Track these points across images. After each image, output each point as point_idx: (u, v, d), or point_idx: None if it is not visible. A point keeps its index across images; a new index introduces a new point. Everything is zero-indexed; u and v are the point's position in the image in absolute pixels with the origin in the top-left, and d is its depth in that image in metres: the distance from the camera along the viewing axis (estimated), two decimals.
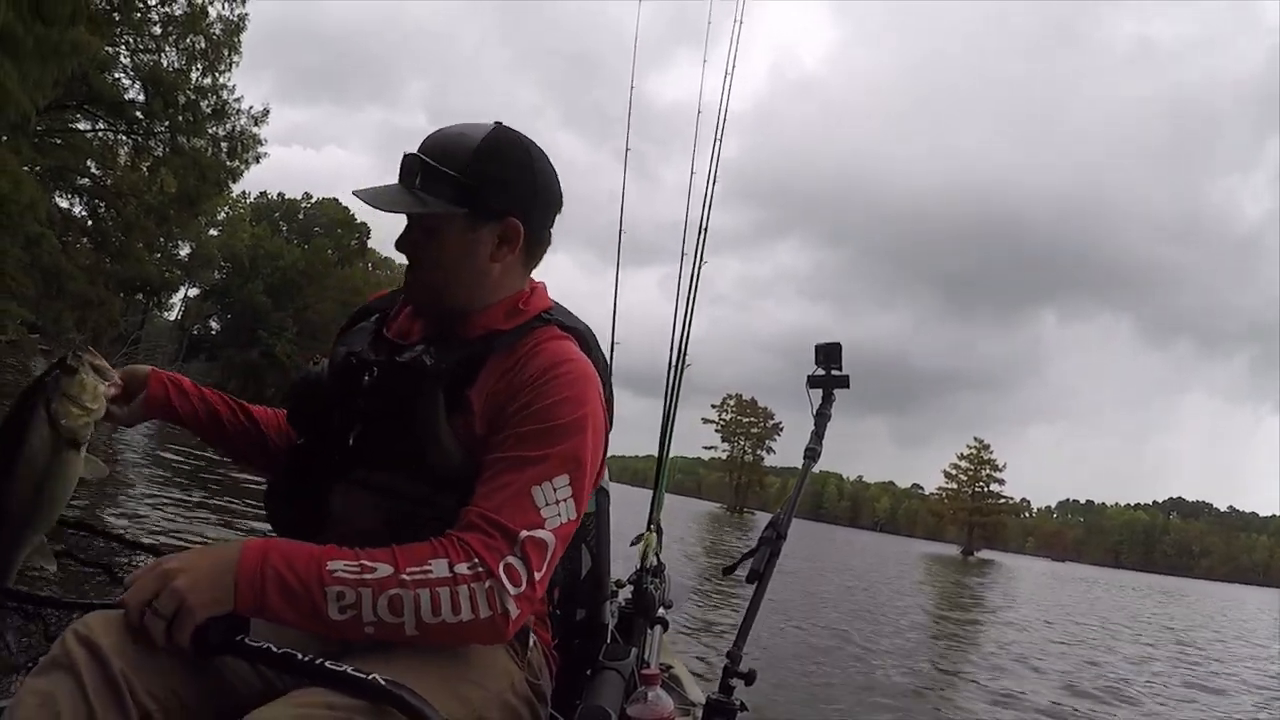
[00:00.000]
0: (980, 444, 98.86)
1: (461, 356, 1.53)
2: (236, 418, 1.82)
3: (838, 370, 2.61)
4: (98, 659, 1.22)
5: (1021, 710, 6.70)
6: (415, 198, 1.51)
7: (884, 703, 6.24)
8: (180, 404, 1.75)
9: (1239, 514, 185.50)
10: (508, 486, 1.38)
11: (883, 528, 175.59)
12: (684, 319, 3.38)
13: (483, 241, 1.56)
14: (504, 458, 1.42)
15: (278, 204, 73.41)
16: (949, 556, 63.01)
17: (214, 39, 26.53)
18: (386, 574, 1.27)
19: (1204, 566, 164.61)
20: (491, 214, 1.54)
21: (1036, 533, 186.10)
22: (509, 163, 1.56)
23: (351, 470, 1.54)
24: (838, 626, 10.04)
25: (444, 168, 1.51)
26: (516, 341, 1.55)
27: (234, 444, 1.83)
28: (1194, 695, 9.59)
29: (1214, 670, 12.51)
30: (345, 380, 1.60)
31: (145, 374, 1.72)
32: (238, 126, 27.62)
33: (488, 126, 1.57)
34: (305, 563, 1.27)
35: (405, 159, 1.55)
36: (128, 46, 26.10)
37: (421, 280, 1.58)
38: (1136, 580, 71.16)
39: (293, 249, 69.16)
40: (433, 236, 1.55)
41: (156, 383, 1.73)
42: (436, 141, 1.55)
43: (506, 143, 1.57)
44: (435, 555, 1.30)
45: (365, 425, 1.55)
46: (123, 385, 1.65)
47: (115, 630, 1.27)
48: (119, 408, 1.65)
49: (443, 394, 1.50)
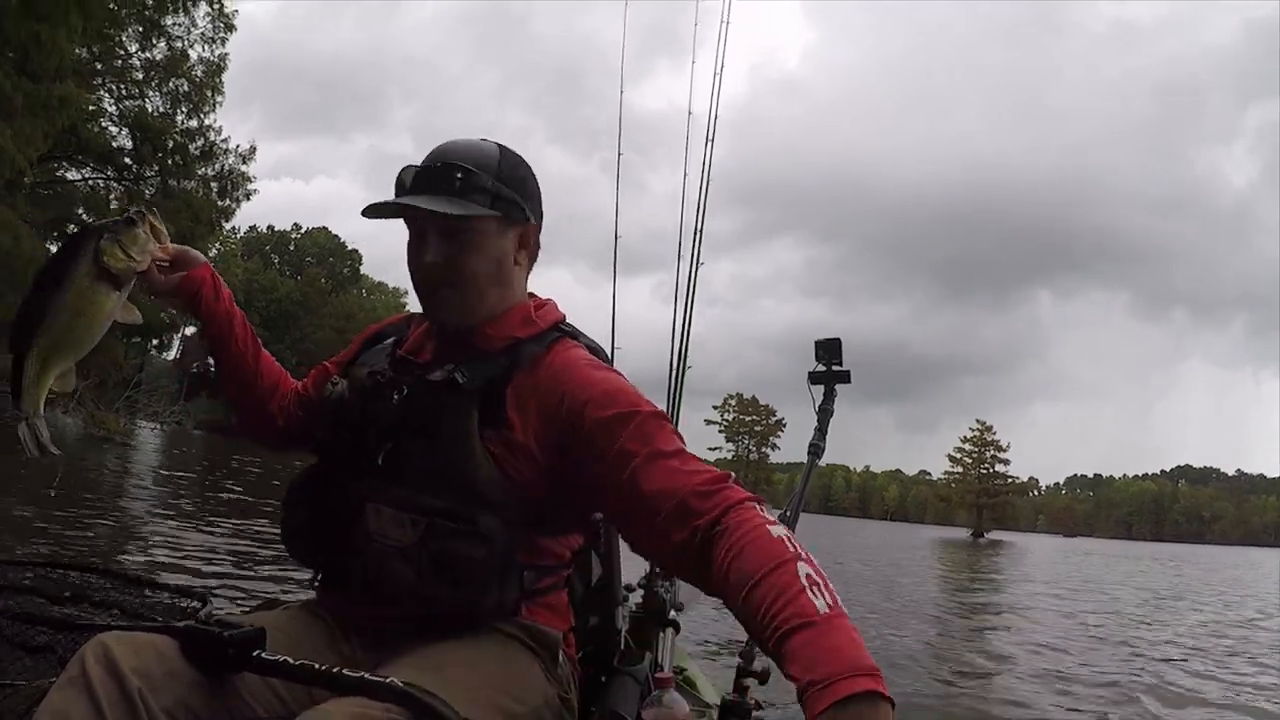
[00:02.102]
0: (983, 426, 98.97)
1: (492, 373, 1.53)
2: (246, 342, 1.80)
3: (838, 365, 2.62)
4: (115, 677, 1.24)
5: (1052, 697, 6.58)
6: (467, 203, 1.52)
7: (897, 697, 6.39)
8: (208, 296, 1.74)
9: (1247, 477, 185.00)
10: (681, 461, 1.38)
11: (893, 516, 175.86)
12: (683, 321, 3.35)
13: (508, 246, 1.59)
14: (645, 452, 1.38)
15: (268, 237, 73.79)
16: (958, 540, 63.08)
17: (196, 81, 26.73)
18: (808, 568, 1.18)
19: (1216, 531, 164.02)
20: (515, 219, 1.59)
21: (1046, 510, 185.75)
22: (524, 169, 1.62)
23: (382, 489, 1.50)
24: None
25: (482, 172, 1.54)
26: (543, 353, 1.56)
27: (231, 359, 1.80)
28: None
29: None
30: (373, 399, 1.58)
31: (199, 259, 1.75)
32: (226, 166, 27.77)
33: (484, 140, 1.62)
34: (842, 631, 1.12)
35: (440, 167, 1.54)
36: (111, 94, 26.32)
37: (457, 295, 1.56)
38: (1144, 550, 70.99)
39: (286, 281, 69.56)
40: (468, 246, 1.55)
41: (202, 269, 1.74)
42: (460, 152, 1.57)
43: (513, 152, 1.62)
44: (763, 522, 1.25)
45: (396, 443, 1.53)
46: (173, 255, 1.68)
47: (132, 648, 1.29)
48: (160, 274, 1.66)
49: (476, 410, 1.50)
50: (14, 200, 18.74)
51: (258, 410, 1.85)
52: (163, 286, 1.68)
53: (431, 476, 1.47)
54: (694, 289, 3.41)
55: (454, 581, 1.42)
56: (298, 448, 1.89)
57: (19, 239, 18.54)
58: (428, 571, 1.41)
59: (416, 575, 1.41)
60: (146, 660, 1.28)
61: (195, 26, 26.51)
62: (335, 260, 75.49)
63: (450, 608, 1.44)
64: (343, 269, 75.96)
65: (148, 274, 1.61)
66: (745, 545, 1.23)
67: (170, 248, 1.67)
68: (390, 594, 1.44)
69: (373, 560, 1.44)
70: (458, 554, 1.41)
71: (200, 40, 26.79)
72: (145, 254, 1.58)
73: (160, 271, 1.65)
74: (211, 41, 27.00)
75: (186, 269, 1.71)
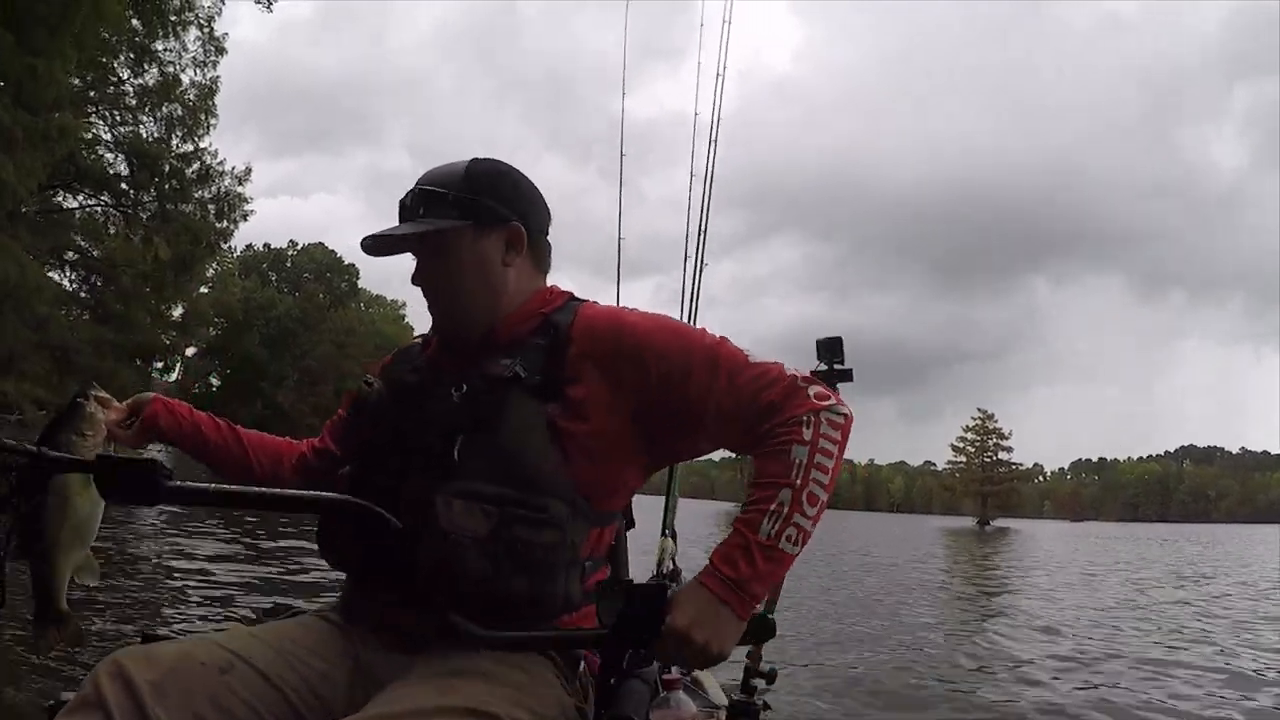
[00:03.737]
0: (985, 414, 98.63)
1: (541, 357, 1.54)
2: (222, 437, 1.87)
3: (840, 364, 2.57)
4: (132, 696, 1.27)
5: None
6: (427, 221, 1.57)
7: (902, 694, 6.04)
8: (168, 424, 1.83)
9: (1251, 454, 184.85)
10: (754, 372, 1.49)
11: (899, 508, 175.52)
12: (689, 321, 3.30)
13: (492, 249, 1.60)
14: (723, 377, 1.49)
15: (264, 255, 73.64)
16: (964, 529, 63.03)
17: (189, 105, 26.87)
18: (789, 496, 1.40)
19: (1222, 510, 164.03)
20: (494, 220, 1.59)
21: (1052, 496, 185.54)
22: (496, 174, 1.63)
23: (448, 483, 1.46)
24: (851, 612, 10.12)
25: (441, 189, 1.58)
26: (573, 319, 1.58)
27: (218, 462, 1.88)
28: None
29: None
30: (429, 397, 1.57)
31: (148, 399, 1.84)
32: (222, 188, 27.95)
33: (457, 163, 1.65)
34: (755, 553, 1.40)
35: (403, 199, 1.62)
36: (106, 121, 26.47)
37: (443, 305, 1.63)
38: (1151, 531, 70.80)
39: (284, 298, 69.38)
40: (444, 257, 1.58)
41: (152, 405, 1.83)
42: (427, 176, 1.63)
43: (488, 161, 1.65)
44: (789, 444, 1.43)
45: (463, 438, 1.50)
46: (127, 411, 1.80)
47: (149, 665, 1.31)
48: (122, 430, 1.79)
49: (536, 396, 1.50)
50: (16, 230, 18.93)
51: (242, 472, 1.88)
52: (131, 440, 1.81)
53: (498, 468, 1.46)
54: (699, 289, 3.46)
55: (529, 570, 1.42)
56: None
57: (24, 268, 18.79)
58: (504, 561, 1.41)
59: (492, 566, 1.40)
60: (160, 677, 1.30)
61: (186, 51, 26.65)
62: (333, 275, 75.24)
63: (523, 599, 1.43)
64: (340, 284, 75.79)
65: (113, 435, 1.76)
66: (764, 452, 1.45)
67: (122, 407, 1.81)
68: (463, 588, 1.41)
69: (446, 553, 1.41)
70: (532, 541, 1.42)
71: (192, 64, 26.94)
72: (95, 425, 1.67)
73: (124, 429, 1.79)
74: (203, 65, 27.13)
75: (140, 415, 1.82)
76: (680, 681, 1.85)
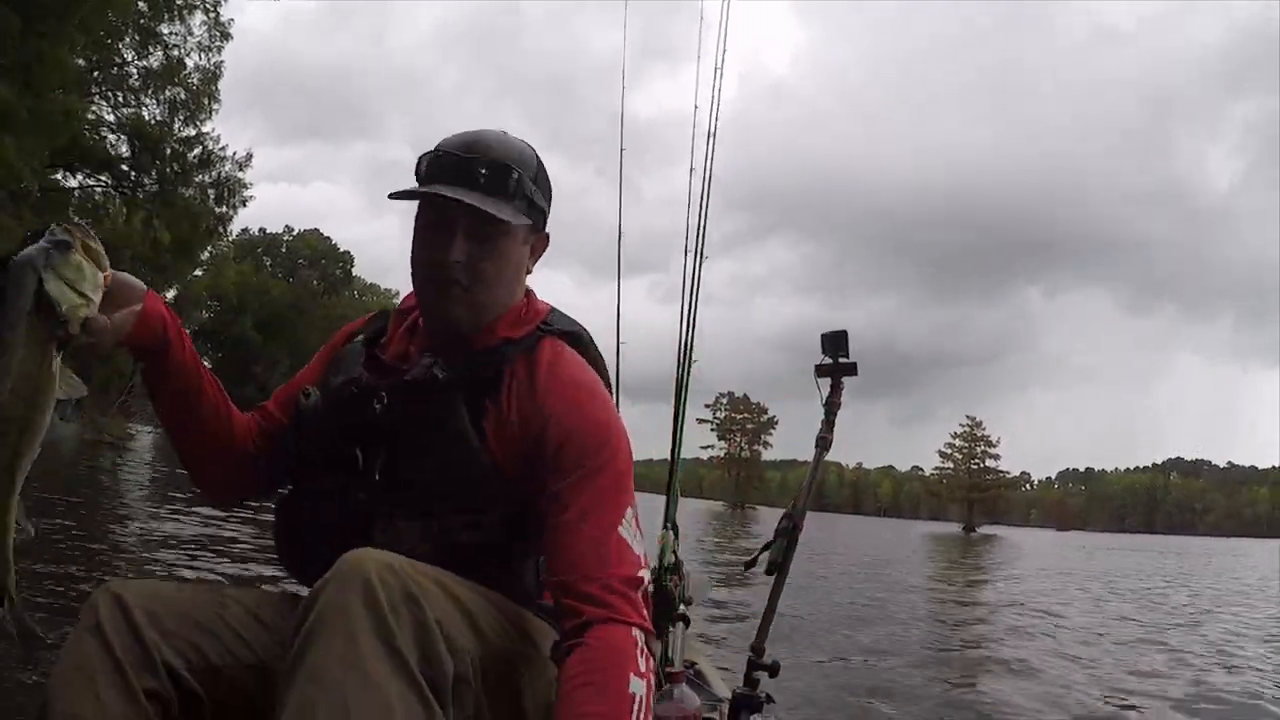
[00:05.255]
0: (973, 421, 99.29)
1: (474, 371, 1.44)
2: (218, 395, 1.54)
3: (845, 358, 2.55)
4: (128, 621, 1.29)
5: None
6: (500, 206, 1.41)
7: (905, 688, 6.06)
8: (175, 344, 1.44)
9: (1238, 468, 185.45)
10: (603, 540, 1.34)
11: (886, 511, 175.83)
12: (689, 316, 3.34)
13: (526, 254, 1.53)
14: (578, 509, 1.35)
15: (260, 239, 73.66)
16: (950, 534, 63.30)
17: (193, 89, 26.76)
18: (642, 688, 1.25)
19: (1208, 523, 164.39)
20: (537, 227, 1.52)
21: (1039, 504, 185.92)
22: (543, 170, 1.53)
23: (384, 501, 1.42)
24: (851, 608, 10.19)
25: (516, 168, 1.45)
26: (527, 355, 1.47)
27: (198, 424, 1.53)
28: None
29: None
30: (352, 411, 1.46)
31: (141, 287, 1.38)
32: (223, 173, 27.84)
33: (516, 138, 1.53)
34: None
35: (484, 162, 1.42)
36: (109, 102, 26.39)
37: (468, 297, 1.44)
38: (1135, 542, 71.14)
39: (278, 283, 69.44)
40: (494, 250, 1.44)
41: (152, 303, 1.40)
42: (501, 149, 1.46)
43: (533, 150, 1.53)
44: (625, 674, 1.24)
45: (390, 455, 1.43)
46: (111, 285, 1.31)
47: (145, 594, 1.34)
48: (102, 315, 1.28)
49: (463, 404, 1.42)
50: (19, 210, 18.99)
51: (219, 453, 1.58)
52: (109, 334, 1.31)
53: (432, 479, 1.40)
54: (699, 283, 3.42)
55: (475, 575, 1.35)
56: (268, 491, 1.67)
57: None
58: (452, 571, 1.32)
59: None
60: (156, 606, 1.33)
61: (191, 35, 26.46)
62: (328, 263, 75.40)
63: None
64: (335, 271, 75.92)
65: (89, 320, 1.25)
66: (594, 680, 1.23)
67: (109, 271, 1.28)
68: None
69: None
70: (473, 546, 1.39)
71: (197, 49, 26.74)
72: (98, 287, 1.23)
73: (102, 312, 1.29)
74: (208, 50, 26.90)
75: (129, 304, 1.35)
76: (684, 674, 1.86)
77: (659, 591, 2.49)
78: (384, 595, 1.14)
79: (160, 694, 1.29)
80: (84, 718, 1.23)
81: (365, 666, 1.10)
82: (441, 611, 1.20)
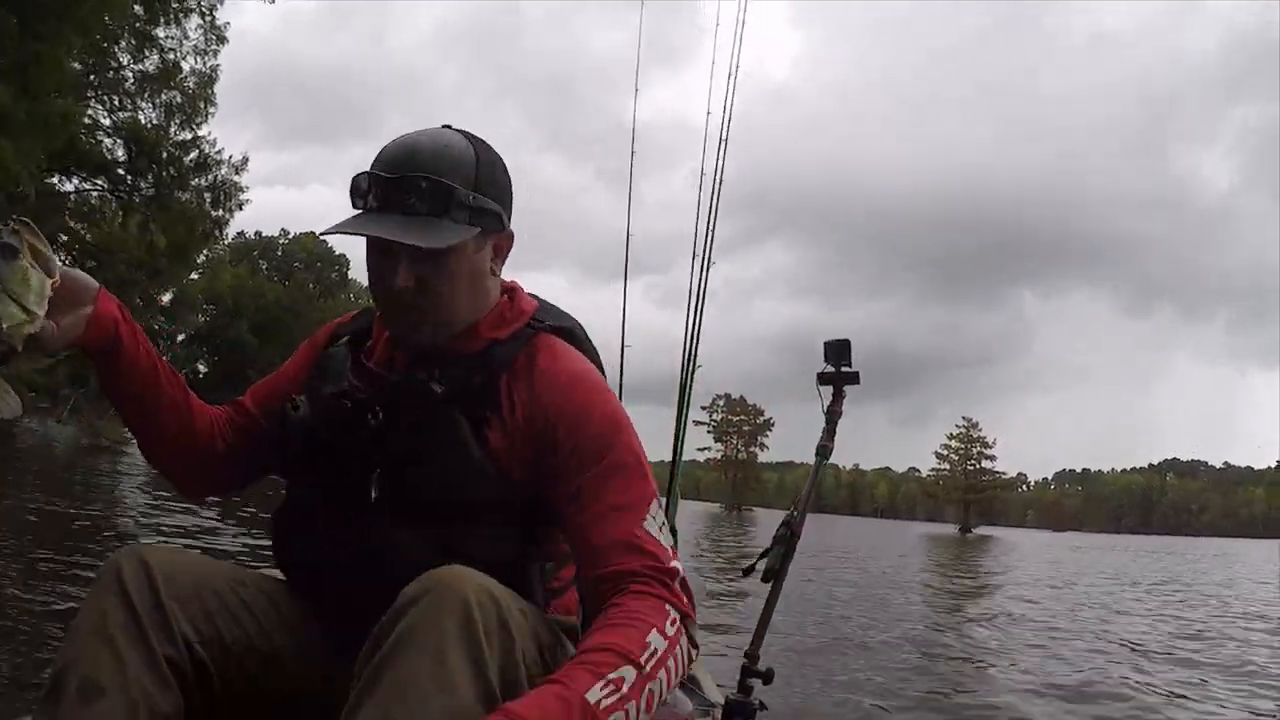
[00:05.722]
0: (969, 423, 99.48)
1: (468, 378, 1.40)
2: (178, 392, 1.50)
3: (848, 367, 2.56)
4: (150, 583, 1.28)
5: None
6: (437, 229, 1.33)
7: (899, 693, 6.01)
8: (127, 338, 1.39)
9: (1234, 469, 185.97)
10: (630, 533, 1.31)
11: (883, 513, 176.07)
12: (694, 320, 3.33)
13: (485, 258, 1.43)
14: (604, 504, 1.33)
15: (255, 242, 73.73)
16: (946, 535, 63.44)
17: (189, 93, 26.72)
18: (634, 677, 1.13)
19: (1204, 523, 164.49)
20: (496, 227, 1.42)
21: (1036, 505, 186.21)
22: (499, 170, 1.44)
23: (387, 518, 1.37)
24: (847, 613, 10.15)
25: (449, 183, 1.34)
26: (519, 353, 1.43)
27: (158, 425, 1.50)
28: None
29: None
30: (346, 425, 1.42)
31: (94, 287, 1.34)
32: (219, 176, 27.78)
33: (451, 132, 1.42)
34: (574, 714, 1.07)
35: (399, 180, 1.33)
36: (105, 105, 26.37)
37: (428, 319, 1.39)
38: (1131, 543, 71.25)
39: (274, 286, 69.53)
40: (443, 269, 1.37)
41: (105, 303, 1.35)
42: (428, 156, 1.36)
43: (486, 148, 1.43)
44: (649, 627, 1.20)
45: (387, 469, 1.38)
46: (60, 288, 1.25)
47: (168, 559, 1.33)
48: (53, 318, 1.24)
49: (461, 415, 1.38)
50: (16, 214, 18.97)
51: (182, 451, 1.55)
52: (57, 340, 1.27)
53: (436, 494, 1.37)
54: (705, 288, 3.44)
55: None
56: (242, 485, 1.67)
57: None
58: None
59: None
60: (175, 573, 1.31)
61: (187, 38, 26.45)
62: (323, 265, 75.46)
63: None
64: (330, 274, 75.96)
65: (33, 336, 1.20)
66: (610, 623, 1.21)
67: (58, 275, 1.22)
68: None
69: (393, 583, 1.28)
70: (477, 559, 1.29)
71: (193, 52, 26.75)
72: (43, 299, 1.15)
73: (53, 316, 1.25)
74: (203, 53, 26.89)
75: (81, 305, 1.31)
76: None
77: None
78: (480, 619, 1.12)
79: (177, 662, 1.27)
80: (103, 682, 1.21)
81: (454, 690, 1.08)
82: (525, 641, 1.20)
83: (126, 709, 1.21)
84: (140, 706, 1.22)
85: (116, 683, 1.21)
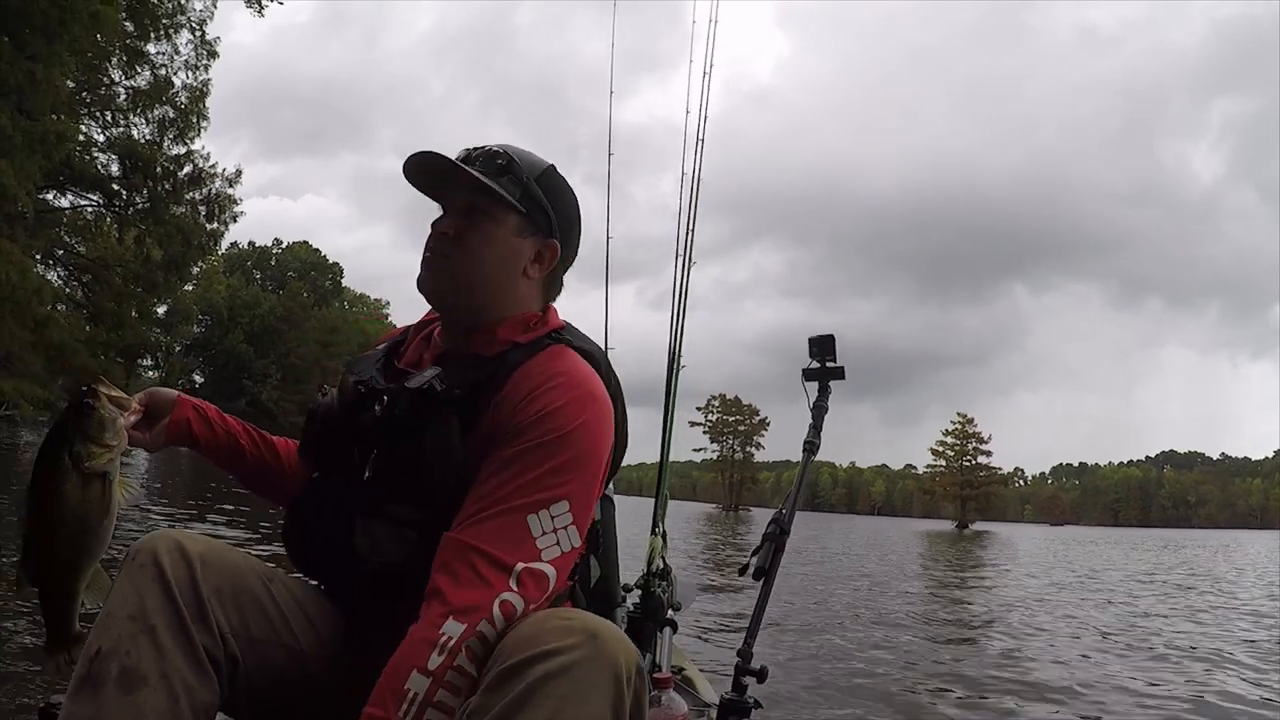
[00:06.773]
0: (964, 419, 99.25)
1: (476, 378, 1.45)
2: (257, 448, 1.73)
3: (832, 362, 2.56)
4: (186, 566, 1.30)
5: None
6: (503, 185, 1.50)
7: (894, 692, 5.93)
8: (201, 431, 1.67)
9: (1231, 460, 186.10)
10: (503, 515, 1.30)
11: (880, 510, 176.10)
12: (678, 318, 3.35)
13: (524, 251, 1.54)
14: (499, 480, 1.33)
15: (249, 252, 73.69)
16: (942, 532, 63.30)
17: (181, 107, 26.96)
18: (424, 685, 1.19)
19: (1202, 515, 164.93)
20: (542, 227, 1.54)
21: (1033, 500, 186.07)
22: (565, 191, 1.59)
23: (370, 504, 1.43)
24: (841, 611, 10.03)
25: (520, 165, 1.52)
26: (529, 359, 1.46)
27: (252, 474, 1.74)
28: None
29: None
30: (356, 410, 1.52)
31: (172, 399, 1.65)
32: (213, 190, 28.01)
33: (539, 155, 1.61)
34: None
35: (485, 151, 1.54)
36: (98, 122, 26.57)
37: (450, 267, 1.50)
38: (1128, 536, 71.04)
39: (268, 296, 69.48)
40: (479, 227, 1.50)
41: (180, 409, 1.65)
42: (510, 150, 1.55)
43: (562, 177, 1.61)
44: (409, 666, 1.21)
45: (380, 456, 1.46)
46: (144, 409, 1.59)
47: (202, 546, 1.34)
48: (141, 433, 1.60)
49: (458, 418, 1.42)
50: (14, 233, 19.13)
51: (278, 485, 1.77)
52: (152, 445, 1.63)
53: (418, 486, 1.41)
54: (687, 288, 3.42)
55: None
56: None
57: (25, 271, 19.13)
58: (424, 584, 1.31)
59: (415, 589, 1.31)
60: (212, 558, 1.34)
61: (178, 54, 26.65)
62: (317, 274, 75.51)
63: None
64: (324, 283, 75.97)
65: (132, 440, 1.54)
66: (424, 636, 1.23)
67: (137, 403, 1.58)
68: (397, 608, 1.32)
69: (368, 579, 1.40)
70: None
71: (184, 67, 26.94)
72: (119, 432, 1.47)
73: (141, 430, 1.60)
74: (195, 68, 27.12)
75: (164, 414, 1.64)
76: (671, 680, 1.86)
77: (647, 597, 2.51)
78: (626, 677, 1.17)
79: (213, 653, 1.29)
80: (144, 670, 1.22)
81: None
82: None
83: (168, 699, 1.22)
84: (181, 697, 1.23)
85: (158, 672, 1.22)
